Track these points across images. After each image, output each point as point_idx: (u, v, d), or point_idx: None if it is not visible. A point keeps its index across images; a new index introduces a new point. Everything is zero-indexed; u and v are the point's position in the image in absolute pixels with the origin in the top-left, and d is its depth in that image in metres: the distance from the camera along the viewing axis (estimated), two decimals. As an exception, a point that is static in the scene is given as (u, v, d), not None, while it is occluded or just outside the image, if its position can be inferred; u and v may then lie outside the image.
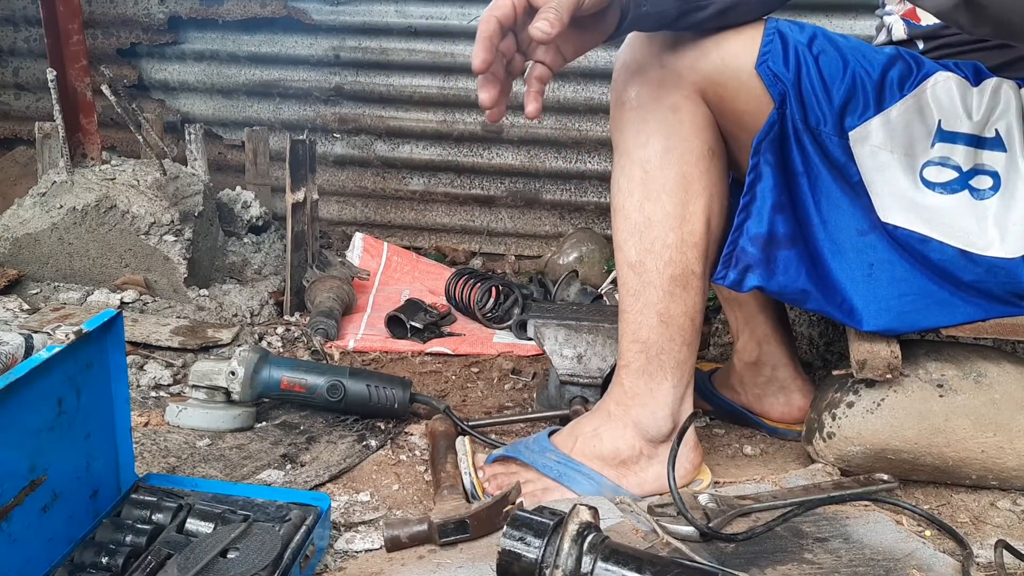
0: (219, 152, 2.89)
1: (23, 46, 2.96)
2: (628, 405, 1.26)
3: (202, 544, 0.98)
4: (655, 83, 1.22)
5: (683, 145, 1.21)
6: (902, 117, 1.19)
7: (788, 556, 1.09)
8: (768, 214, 1.21)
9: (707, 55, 1.19)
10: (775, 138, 1.19)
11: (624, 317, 1.27)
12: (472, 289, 2.19)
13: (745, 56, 1.18)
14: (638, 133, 1.23)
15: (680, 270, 1.22)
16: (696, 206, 1.22)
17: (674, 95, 1.21)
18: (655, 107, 1.22)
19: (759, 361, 1.54)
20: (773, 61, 1.17)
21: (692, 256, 1.23)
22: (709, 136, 1.22)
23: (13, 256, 2.09)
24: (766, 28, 1.20)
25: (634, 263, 1.24)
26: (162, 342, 1.81)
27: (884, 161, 1.19)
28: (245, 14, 2.76)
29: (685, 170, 1.21)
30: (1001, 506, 1.29)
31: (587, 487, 1.24)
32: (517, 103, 2.69)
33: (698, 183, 1.21)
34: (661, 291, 1.23)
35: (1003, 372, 1.29)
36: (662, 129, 1.21)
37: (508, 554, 0.90)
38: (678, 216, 1.21)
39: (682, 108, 1.21)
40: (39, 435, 0.94)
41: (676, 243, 1.22)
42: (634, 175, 1.23)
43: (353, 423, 1.55)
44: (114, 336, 1.05)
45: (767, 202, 1.21)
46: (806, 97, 1.18)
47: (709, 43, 1.19)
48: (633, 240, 1.24)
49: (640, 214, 1.23)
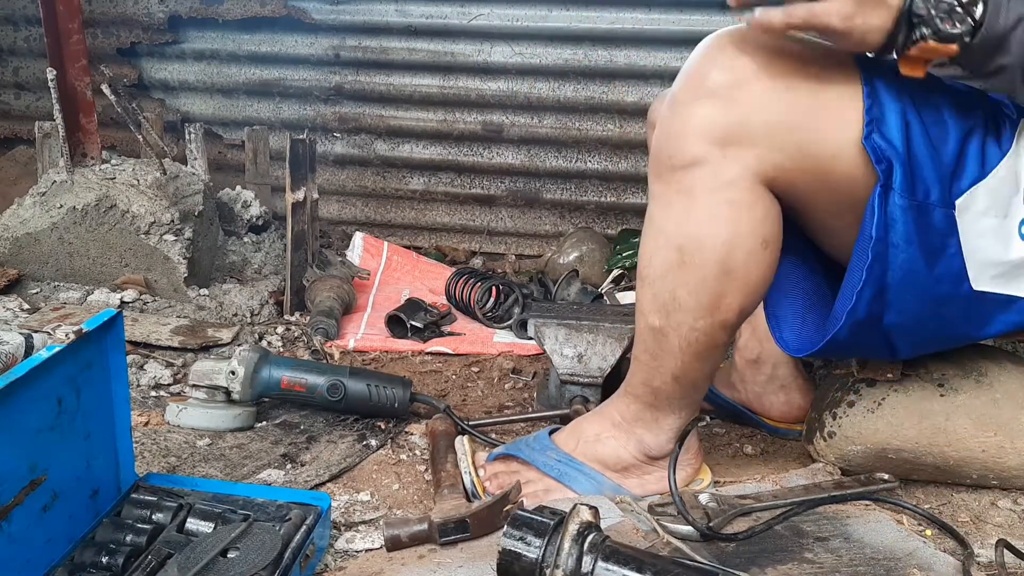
0: (219, 151, 2.88)
1: (23, 45, 2.95)
2: (632, 424, 1.25)
3: (202, 544, 0.98)
4: (711, 171, 1.05)
5: (733, 241, 1.07)
6: (1006, 176, 1.07)
7: (788, 555, 1.09)
8: (870, 301, 1.08)
9: (786, 140, 1.04)
10: (883, 221, 1.04)
11: (637, 362, 1.21)
12: (472, 289, 2.19)
13: (843, 130, 1.03)
14: (682, 220, 1.09)
15: (704, 348, 1.15)
16: (733, 299, 1.11)
17: (734, 188, 1.06)
18: (708, 199, 1.07)
19: (760, 359, 1.54)
20: (880, 131, 1.02)
21: (719, 338, 1.14)
22: (766, 228, 1.09)
23: (13, 256, 2.09)
24: (864, 83, 1.04)
25: (656, 331, 1.15)
26: (162, 342, 1.81)
27: (987, 226, 1.07)
28: (245, 13, 2.76)
29: (730, 266, 1.08)
30: (1002, 505, 1.28)
31: (588, 487, 1.24)
32: (517, 103, 2.71)
33: (740, 279, 1.09)
34: (680, 362, 1.16)
35: (1004, 371, 1.29)
36: (711, 222, 1.08)
37: (508, 554, 0.90)
38: (712, 308, 1.11)
39: (741, 202, 1.06)
40: (39, 435, 0.94)
41: (704, 328, 1.12)
42: (669, 258, 1.11)
43: (353, 423, 1.55)
44: (114, 336, 1.05)
45: (872, 289, 1.07)
46: (916, 169, 1.03)
47: (791, 121, 1.04)
48: (658, 315, 1.14)
49: (669, 295, 1.12)
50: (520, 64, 2.67)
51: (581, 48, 2.63)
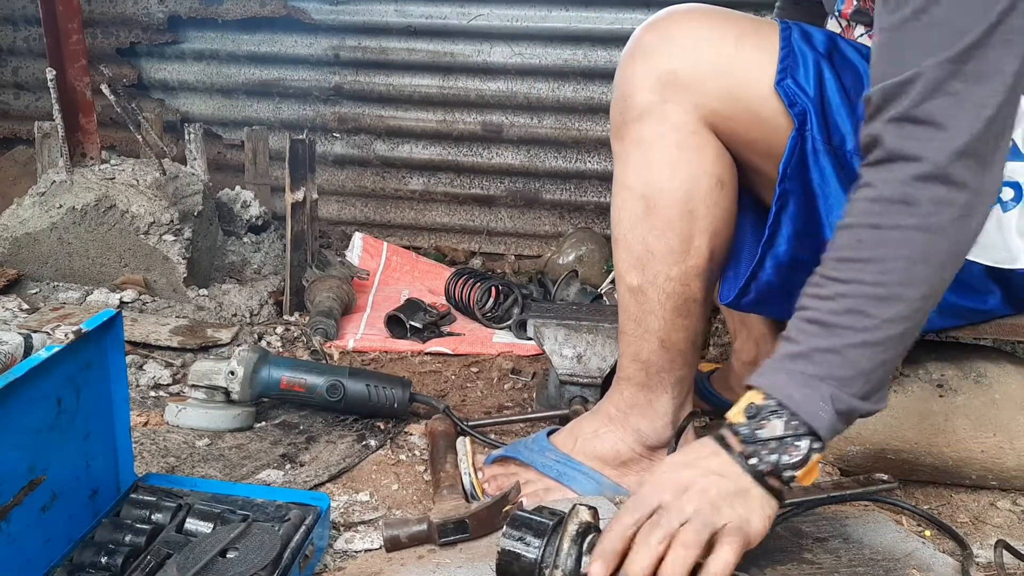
0: (219, 152, 2.89)
1: (22, 45, 2.95)
2: (627, 413, 1.26)
3: (201, 544, 0.98)
4: (657, 118, 1.14)
5: (690, 182, 1.14)
6: None
7: (788, 556, 1.09)
8: (789, 241, 1.14)
9: (715, 84, 1.12)
10: (797, 161, 1.11)
11: (624, 337, 1.25)
12: (472, 289, 2.19)
13: (760, 75, 1.10)
14: (640, 169, 1.17)
15: (682, 300, 1.18)
16: (701, 240, 1.16)
17: (680, 131, 1.14)
18: (659, 143, 1.15)
19: (757, 360, 1.54)
20: (793, 77, 1.09)
21: (695, 286, 1.19)
22: (719, 168, 1.16)
23: (12, 256, 2.09)
24: (781, 37, 1.11)
25: (635, 290, 1.20)
26: (161, 342, 1.81)
27: None
28: (245, 13, 2.76)
29: (691, 206, 1.15)
30: (1001, 506, 1.29)
31: (587, 486, 1.24)
32: (516, 103, 2.71)
33: (704, 218, 1.15)
34: (662, 320, 1.19)
35: (1003, 372, 1.29)
36: (667, 166, 1.15)
37: (508, 554, 0.90)
38: (682, 251, 1.16)
39: (689, 144, 1.14)
40: (38, 435, 0.94)
41: (679, 276, 1.17)
42: (636, 210, 1.17)
43: (353, 423, 1.55)
44: (113, 336, 1.05)
45: (789, 229, 1.14)
46: (829, 115, 1.09)
47: (717, 68, 1.11)
48: (634, 271, 1.19)
49: (642, 247, 1.18)
50: (520, 64, 2.68)
51: (581, 48, 2.63)
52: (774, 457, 0.90)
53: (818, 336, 0.92)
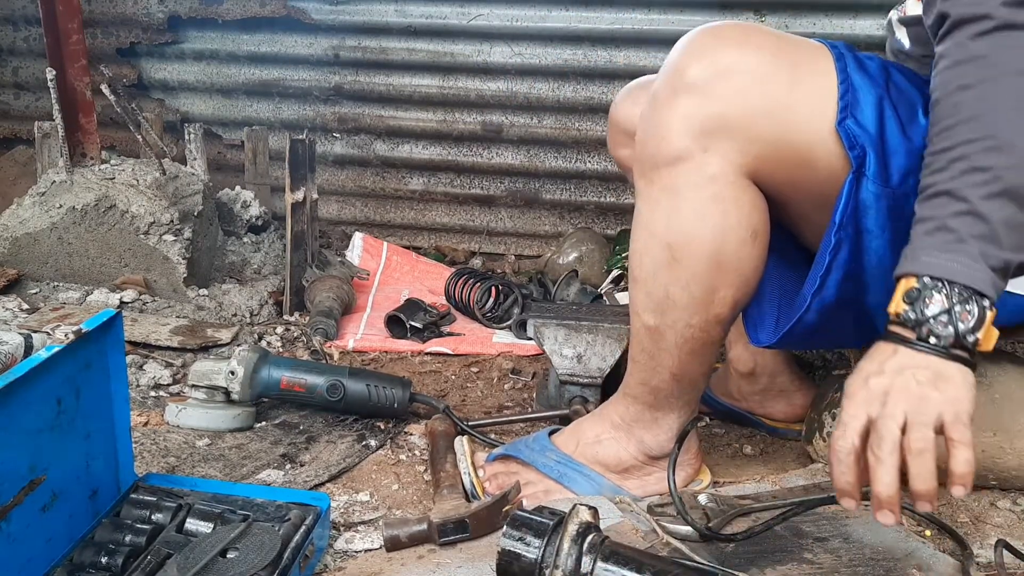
0: (219, 152, 2.88)
1: (22, 45, 2.95)
2: (632, 425, 1.25)
3: (201, 544, 0.98)
4: (695, 167, 1.06)
5: (722, 235, 1.08)
6: None
7: (788, 556, 1.09)
8: (838, 285, 1.09)
9: (766, 128, 1.04)
10: (852, 206, 1.04)
11: (634, 363, 1.21)
12: (472, 289, 2.19)
13: (818, 118, 1.04)
14: (669, 217, 1.10)
15: (700, 345, 1.15)
16: (727, 292, 1.11)
17: (717, 183, 1.06)
18: (693, 195, 1.07)
19: (755, 371, 1.53)
20: (854, 116, 1.03)
21: (715, 333, 1.15)
22: (754, 219, 1.09)
23: (12, 256, 2.09)
24: (838, 71, 1.04)
25: (652, 329, 1.16)
26: (161, 342, 1.81)
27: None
28: (245, 14, 2.76)
29: (720, 259, 1.09)
30: (1001, 506, 1.28)
31: (587, 487, 1.24)
32: (516, 103, 2.71)
33: (732, 272, 1.10)
34: (677, 359, 1.16)
35: (1003, 372, 1.29)
36: (698, 218, 1.08)
37: (508, 554, 0.90)
38: (705, 302, 1.11)
39: (725, 196, 1.07)
40: (39, 435, 0.94)
41: (700, 324, 1.13)
42: (659, 257, 1.11)
43: (353, 423, 1.55)
44: (113, 336, 1.05)
45: (839, 273, 1.08)
46: (888, 155, 1.03)
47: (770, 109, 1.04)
48: (653, 314, 1.15)
49: (663, 293, 1.12)
50: (520, 64, 2.67)
51: (581, 48, 2.63)
52: (950, 329, 0.89)
53: (947, 205, 0.91)
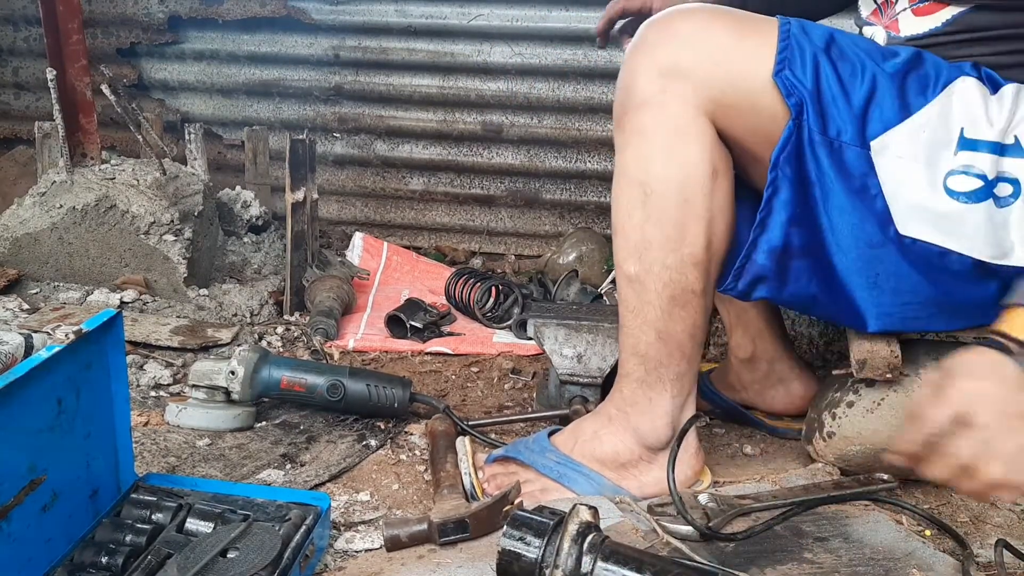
0: (219, 152, 2.89)
1: (23, 46, 2.96)
2: (627, 412, 1.26)
3: (202, 544, 0.98)
4: (657, 107, 1.18)
5: (686, 170, 1.18)
6: (927, 124, 1.13)
7: (788, 556, 1.09)
8: (783, 227, 1.17)
9: (715, 74, 1.16)
10: (792, 150, 1.14)
11: (624, 330, 1.26)
12: (472, 289, 2.19)
13: (759, 67, 1.14)
14: (639, 157, 1.20)
15: (679, 290, 1.20)
16: (697, 228, 1.19)
17: (678, 119, 1.17)
18: (657, 131, 1.19)
19: (754, 356, 1.55)
20: (791, 69, 1.13)
21: (692, 276, 1.20)
22: (714, 157, 1.19)
23: (13, 256, 2.09)
24: (780, 32, 1.15)
25: (633, 281, 1.22)
26: (162, 342, 1.81)
27: (907, 171, 1.13)
28: (245, 14, 2.76)
29: (687, 194, 1.18)
30: (1001, 506, 1.29)
31: (587, 487, 1.24)
32: (516, 103, 2.71)
33: (700, 206, 1.18)
34: (660, 310, 1.21)
35: (1003, 372, 1.29)
36: (664, 153, 1.18)
37: (508, 554, 0.90)
38: (678, 239, 1.19)
39: (686, 132, 1.17)
40: (39, 435, 0.94)
41: (675, 264, 1.19)
42: (634, 197, 1.21)
43: (353, 423, 1.55)
44: (114, 336, 1.05)
45: (783, 215, 1.17)
46: (825, 106, 1.13)
47: (716, 57, 1.16)
48: (632, 260, 1.22)
49: (639, 234, 1.20)
50: (520, 64, 2.68)
51: (581, 48, 2.63)
52: None
53: None
